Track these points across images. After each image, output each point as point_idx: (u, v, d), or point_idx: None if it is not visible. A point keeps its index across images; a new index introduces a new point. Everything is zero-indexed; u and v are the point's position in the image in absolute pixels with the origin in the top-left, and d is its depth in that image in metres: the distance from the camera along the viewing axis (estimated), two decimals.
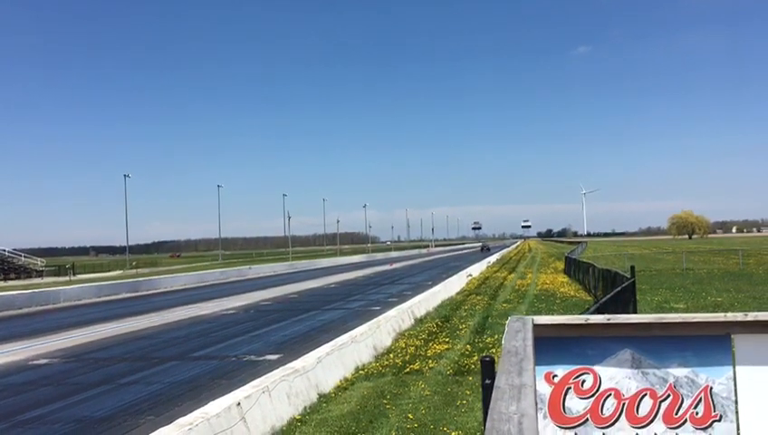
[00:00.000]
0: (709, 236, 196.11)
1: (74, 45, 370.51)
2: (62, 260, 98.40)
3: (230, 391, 8.17)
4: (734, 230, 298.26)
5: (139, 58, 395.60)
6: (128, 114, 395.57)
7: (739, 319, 3.09)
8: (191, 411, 7.08)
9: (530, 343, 2.76)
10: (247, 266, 61.85)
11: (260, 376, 9.17)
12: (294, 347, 14.70)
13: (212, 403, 7.33)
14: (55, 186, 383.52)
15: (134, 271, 73.39)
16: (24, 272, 64.23)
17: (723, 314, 3.12)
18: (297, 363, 9.78)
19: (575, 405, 3.07)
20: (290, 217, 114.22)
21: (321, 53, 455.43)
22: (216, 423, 6.74)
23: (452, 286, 27.99)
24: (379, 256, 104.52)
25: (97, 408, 10.13)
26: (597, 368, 3.09)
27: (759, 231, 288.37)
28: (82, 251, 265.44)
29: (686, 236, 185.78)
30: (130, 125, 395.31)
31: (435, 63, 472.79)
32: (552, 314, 15.34)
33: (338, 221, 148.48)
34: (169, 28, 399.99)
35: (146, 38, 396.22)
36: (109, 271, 74.11)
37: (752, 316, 3.08)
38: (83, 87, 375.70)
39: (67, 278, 60.24)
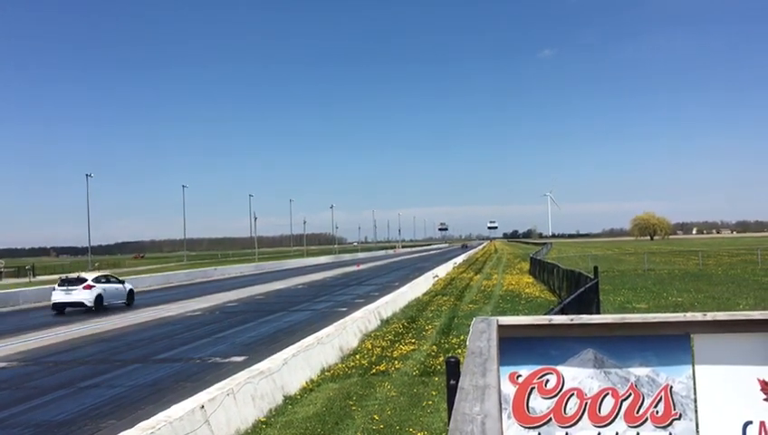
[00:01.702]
0: (670, 237, 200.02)
1: (33, 41, 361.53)
2: (22, 261, 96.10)
3: (194, 394, 8.08)
4: (694, 232, 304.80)
5: (106, 56, 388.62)
6: (91, 113, 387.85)
7: (698, 319, 3.13)
8: (154, 415, 6.99)
9: (494, 343, 2.76)
10: (213, 268, 61.23)
11: (225, 378, 9.08)
12: (260, 349, 14.59)
13: (175, 406, 7.23)
14: (14, 184, 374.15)
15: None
16: None
17: (682, 314, 3.16)
18: (263, 365, 9.72)
19: (539, 405, 3.09)
20: (256, 218, 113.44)
21: (284, 54, 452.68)
22: (180, 426, 6.65)
23: (418, 287, 28.09)
24: (347, 256, 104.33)
25: (57, 412, 9.92)
26: (560, 368, 3.11)
27: (719, 232, 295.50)
28: (43, 252, 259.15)
29: (648, 238, 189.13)
30: (93, 124, 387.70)
31: (400, 66, 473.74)
32: (517, 315, 15.50)
33: (305, 222, 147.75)
34: (141, 27, 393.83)
35: (115, 37, 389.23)
36: (70, 272, 72.56)
37: (710, 316, 3.13)
38: (50, 85, 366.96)
39: (27, 280, 58.90)
